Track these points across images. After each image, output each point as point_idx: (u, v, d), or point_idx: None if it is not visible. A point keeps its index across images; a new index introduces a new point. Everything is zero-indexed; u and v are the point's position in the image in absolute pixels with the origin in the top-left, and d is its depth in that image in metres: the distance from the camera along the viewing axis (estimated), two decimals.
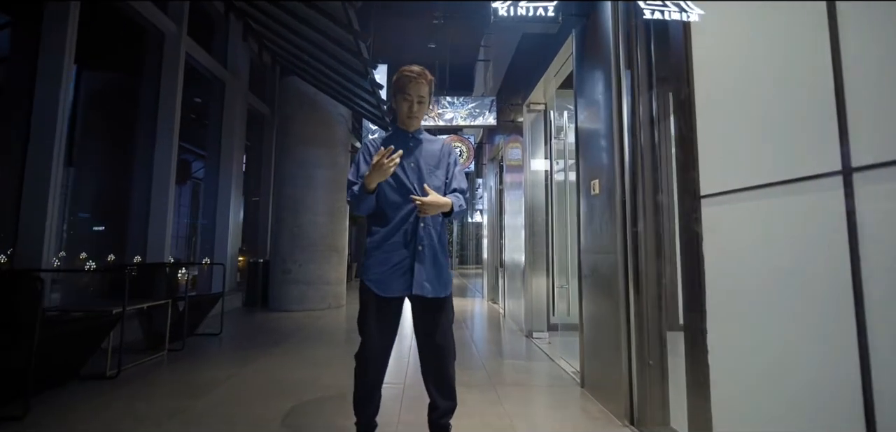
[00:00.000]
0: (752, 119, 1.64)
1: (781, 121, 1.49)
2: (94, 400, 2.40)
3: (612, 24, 2.45)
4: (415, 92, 1.77)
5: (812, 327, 1.33)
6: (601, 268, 2.52)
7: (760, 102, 1.61)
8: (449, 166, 1.85)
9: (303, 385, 2.74)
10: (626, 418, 2.20)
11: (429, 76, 1.83)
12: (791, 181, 1.42)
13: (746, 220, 1.64)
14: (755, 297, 1.57)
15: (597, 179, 2.61)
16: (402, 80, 1.79)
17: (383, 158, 1.54)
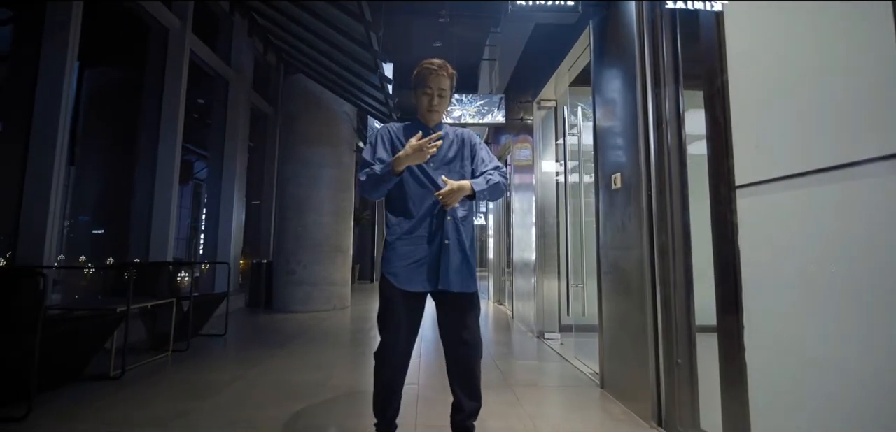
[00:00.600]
0: (790, 106, 1.56)
1: (823, 108, 1.41)
2: (98, 400, 2.31)
3: (636, 16, 2.37)
4: (435, 85, 1.71)
5: (857, 323, 1.25)
6: (623, 265, 2.44)
7: (799, 90, 1.53)
8: (475, 153, 1.76)
9: (311, 386, 2.65)
10: (653, 419, 2.11)
11: (450, 69, 1.77)
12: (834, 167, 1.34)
13: (785, 211, 1.56)
14: (794, 292, 1.49)
15: (618, 174, 2.53)
16: (423, 72, 1.72)
17: (423, 142, 1.48)
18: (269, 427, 2.03)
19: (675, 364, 2.08)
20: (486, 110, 5.40)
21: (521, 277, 5.27)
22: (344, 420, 2.15)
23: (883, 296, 1.15)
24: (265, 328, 4.64)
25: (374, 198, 1.68)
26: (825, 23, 1.48)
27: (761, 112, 1.72)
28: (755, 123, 1.74)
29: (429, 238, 1.63)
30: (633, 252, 2.31)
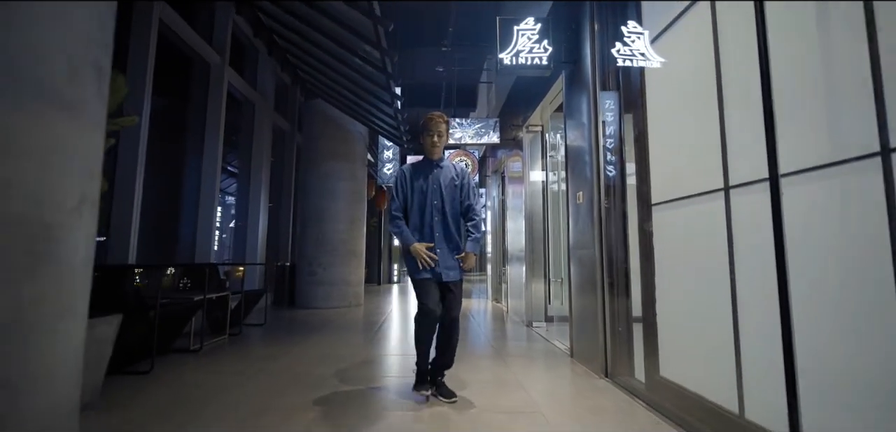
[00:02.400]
0: (685, 143, 2.34)
1: (707, 145, 2.20)
2: (192, 363, 3.10)
3: (590, 71, 3.18)
4: (434, 129, 2.53)
5: (742, 302, 2.03)
6: (584, 260, 3.23)
7: (696, 126, 2.32)
8: (464, 186, 2.56)
9: (344, 356, 3.43)
10: (602, 373, 2.89)
11: (445, 118, 2.61)
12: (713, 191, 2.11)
13: (683, 221, 2.34)
14: (689, 281, 2.26)
15: (581, 191, 3.32)
16: (426, 121, 2.55)
17: (423, 254, 2.34)
18: (324, 377, 2.80)
19: (617, 332, 2.86)
20: (483, 132, 6.21)
21: (513, 277, 6.05)
22: (374, 374, 2.93)
23: (750, 282, 1.93)
24: (295, 320, 5.43)
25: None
26: (703, 83, 2.27)
27: (666, 147, 2.51)
28: (663, 158, 2.53)
29: (430, 240, 2.43)
30: (589, 252, 3.10)
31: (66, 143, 1.13)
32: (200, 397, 2.40)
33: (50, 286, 1.10)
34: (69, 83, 1.13)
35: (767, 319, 1.66)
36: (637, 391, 2.54)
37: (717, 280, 1.99)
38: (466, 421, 2.14)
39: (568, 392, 2.66)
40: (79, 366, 1.26)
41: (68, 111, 1.12)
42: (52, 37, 1.10)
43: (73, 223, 1.17)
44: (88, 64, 1.21)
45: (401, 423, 2.10)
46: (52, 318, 1.12)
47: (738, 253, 1.89)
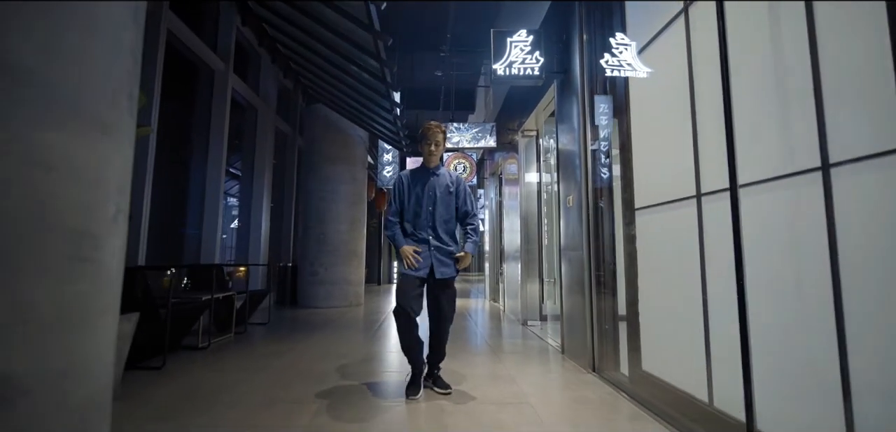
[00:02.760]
0: (670, 148, 2.50)
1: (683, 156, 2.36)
2: (201, 361, 3.26)
3: (580, 80, 3.34)
4: (432, 138, 2.67)
5: (714, 302, 2.19)
6: (573, 261, 3.39)
7: (676, 134, 2.48)
8: (459, 193, 2.72)
9: (347, 353, 3.59)
10: (590, 368, 3.05)
11: (442, 128, 2.74)
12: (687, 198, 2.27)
13: (664, 225, 2.50)
14: (668, 279, 2.43)
15: (571, 195, 3.48)
16: (424, 131, 2.70)
17: (409, 256, 2.51)
18: (326, 373, 2.97)
19: (603, 329, 3.03)
20: (480, 136, 6.37)
21: (510, 277, 6.22)
22: (374, 369, 3.10)
23: (719, 283, 2.09)
24: (297, 319, 5.59)
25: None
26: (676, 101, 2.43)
27: (649, 154, 2.67)
28: (646, 165, 2.70)
29: (424, 242, 2.59)
30: (578, 253, 3.26)
31: (105, 162, 1.31)
32: (211, 391, 2.56)
33: (92, 287, 1.27)
34: (110, 109, 1.31)
35: (733, 317, 1.82)
36: (621, 384, 2.70)
37: (692, 281, 2.15)
38: (459, 410, 2.30)
39: (556, 385, 2.82)
40: (112, 358, 1.44)
41: (108, 133, 1.30)
42: (101, 71, 1.29)
43: (111, 231, 1.35)
44: (125, 91, 1.39)
45: (399, 413, 2.26)
46: (95, 315, 1.30)
47: (708, 256, 2.05)
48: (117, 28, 1.42)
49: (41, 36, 1.10)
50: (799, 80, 1.57)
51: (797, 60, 1.58)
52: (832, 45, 1.47)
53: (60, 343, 1.19)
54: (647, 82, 2.76)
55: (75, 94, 1.20)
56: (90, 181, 1.24)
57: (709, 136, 2.08)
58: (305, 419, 2.16)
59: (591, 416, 2.26)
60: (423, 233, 2.61)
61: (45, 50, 1.11)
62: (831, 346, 1.41)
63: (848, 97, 1.40)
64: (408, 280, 2.53)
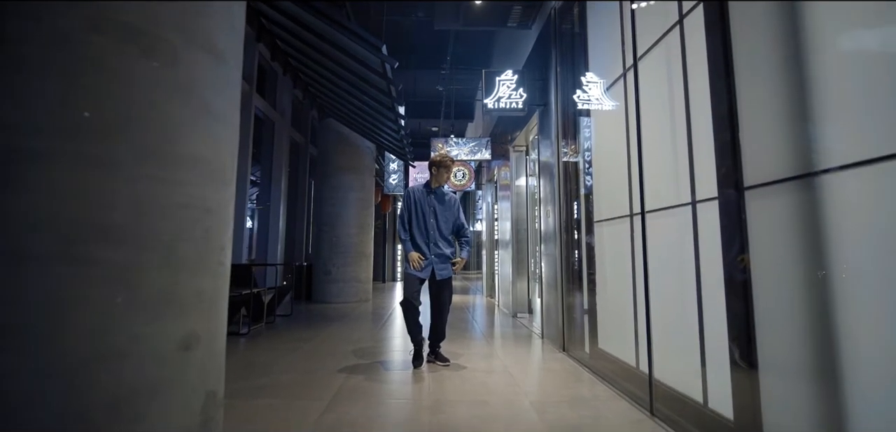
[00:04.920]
0: (617, 174, 3.23)
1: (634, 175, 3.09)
2: (245, 344, 4.01)
3: (554, 111, 4.07)
4: (444, 170, 3.40)
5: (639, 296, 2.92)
6: (550, 261, 4.13)
7: (621, 163, 3.21)
8: (456, 211, 3.45)
9: (362, 339, 4.34)
10: (561, 348, 3.80)
11: (449, 159, 3.46)
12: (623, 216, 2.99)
13: (615, 237, 3.22)
14: (618, 282, 3.15)
15: (549, 207, 4.22)
16: (435, 161, 3.42)
17: (416, 263, 3.21)
18: (348, 352, 3.71)
19: (572, 318, 3.77)
20: (476, 149, 7.11)
21: (503, 275, 6.96)
22: (386, 349, 3.84)
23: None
24: (315, 313, 6.35)
25: None
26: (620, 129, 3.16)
27: (605, 177, 3.40)
28: (604, 183, 3.43)
29: (426, 254, 3.32)
30: (553, 258, 4.00)
31: (227, 202, 2.09)
32: (262, 364, 3.31)
33: (222, 280, 2.06)
34: (230, 169, 2.09)
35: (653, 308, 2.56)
36: (583, 359, 3.44)
37: (628, 280, 2.89)
38: (455, 375, 3.04)
39: (532, 360, 3.57)
40: (226, 327, 2.24)
41: (228, 184, 2.06)
42: (227, 146, 2.06)
43: (229, 246, 2.14)
44: (233, 155, 2.17)
45: (409, 377, 3.01)
46: (222, 298, 2.09)
47: (636, 262, 2.79)
48: (232, 115, 2.19)
49: (200, 129, 1.85)
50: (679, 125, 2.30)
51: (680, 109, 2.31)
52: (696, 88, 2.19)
53: (212, 314, 1.94)
54: (605, 117, 3.48)
55: (216, 163, 1.96)
56: (223, 216, 2.00)
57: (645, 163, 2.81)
58: (340, 380, 2.91)
59: (555, 380, 3.00)
60: (425, 246, 3.32)
61: (201, 137, 1.86)
62: (695, 321, 2.14)
63: (704, 143, 2.13)
64: (412, 279, 3.27)
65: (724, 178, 1.89)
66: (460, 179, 9.02)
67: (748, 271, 1.75)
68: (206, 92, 1.97)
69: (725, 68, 1.89)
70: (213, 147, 2.06)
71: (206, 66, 1.93)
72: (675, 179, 2.43)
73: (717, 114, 1.95)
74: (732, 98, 1.85)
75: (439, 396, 2.61)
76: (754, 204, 1.76)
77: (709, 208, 2.07)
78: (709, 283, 2.07)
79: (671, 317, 2.41)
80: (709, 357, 2.05)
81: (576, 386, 2.88)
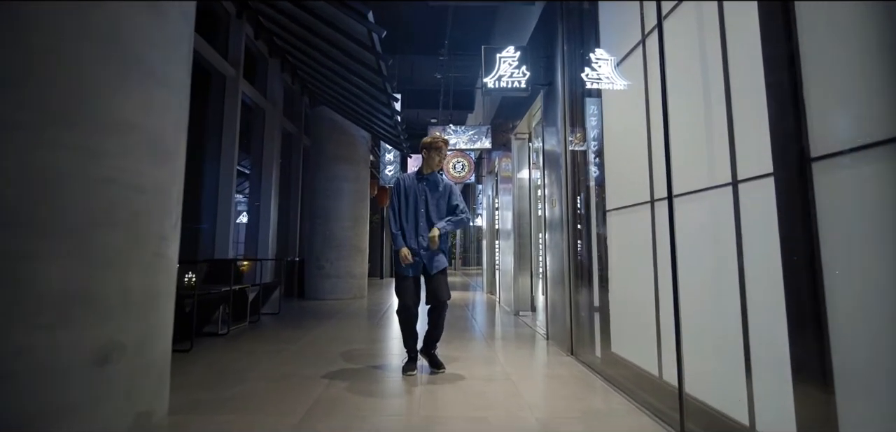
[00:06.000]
0: (630, 161, 2.86)
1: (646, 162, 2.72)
2: (223, 346, 3.66)
3: (561, 92, 3.69)
4: (435, 152, 3.03)
5: (661, 293, 2.56)
6: (556, 256, 3.76)
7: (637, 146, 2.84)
8: (450, 195, 3.06)
9: (354, 340, 3.99)
10: (568, 351, 3.44)
11: (441, 140, 3.08)
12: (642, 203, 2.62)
13: (629, 227, 2.86)
14: (634, 274, 2.79)
15: (555, 196, 3.85)
16: (427, 144, 3.04)
17: (407, 257, 2.85)
18: (335, 356, 3.36)
19: (581, 317, 3.41)
20: (476, 138, 6.73)
21: (504, 271, 6.60)
22: (379, 352, 3.49)
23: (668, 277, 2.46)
24: (306, 310, 6.00)
25: None
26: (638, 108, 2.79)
27: (618, 161, 3.03)
28: (616, 171, 3.06)
29: (416, 245, 2.95)
30: (559, 251, 3.63)
31: (169, 181, 1.73)
32: (237, 369, 2.96)
33: (163, 276, 1.69)
34: (173, 141, 1.74)
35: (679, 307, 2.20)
36: (594, 365, 3.09)
37: (648, 276, 2.53)
38: (451, 384, 2.69)
39: (536, 365, 3.21)
40: (171, 331, 1.87)
41: (172, 160, 1.72)
42: (169, 113, 1.71)
43: (173, 233, 1.77)
44: (181, 125, 1.82)
45: (399, 386, 2.65)
46: (164, 297, 1.73)
47: (658, 254, 2.42)
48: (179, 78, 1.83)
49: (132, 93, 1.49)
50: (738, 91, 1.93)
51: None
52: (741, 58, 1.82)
53: (144, 317, 1.59)
54: (618, 96, 3.11)
55: (152, 133, 1.59)
56: (162, 197, 1.64)
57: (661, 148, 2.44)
58: (320, 389, 2.55)
59: (563, 390, 2.64)
60: (414, 239, 2.94)
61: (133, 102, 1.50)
62: (738, 326, 1.78)
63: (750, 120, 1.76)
64: (406, 282, 2.91)
65: (782, 149, 1.52)
66: (459, 171, 8.64)
67: (817, 259, 1.38)
68: (140, 45, 1.60)
69: (783, 6, 1.51)
70: (149, 113, 1.68)
71: (139, 14, 1.57)
72: (706, 158, 2.06)
73: (771, 67, 1.57)
74: (793, 41, 1.47)
75: (431, 411, 2.25)
76: (823, 178, 1.39)
77: (755, 188, 1.70)
78: (755, 276, 1.71)
79: (703, 317, 2.04)
80: (757, 366, 1.69)
81: (588, 397, 2.52)
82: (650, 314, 2.47)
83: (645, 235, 2.54)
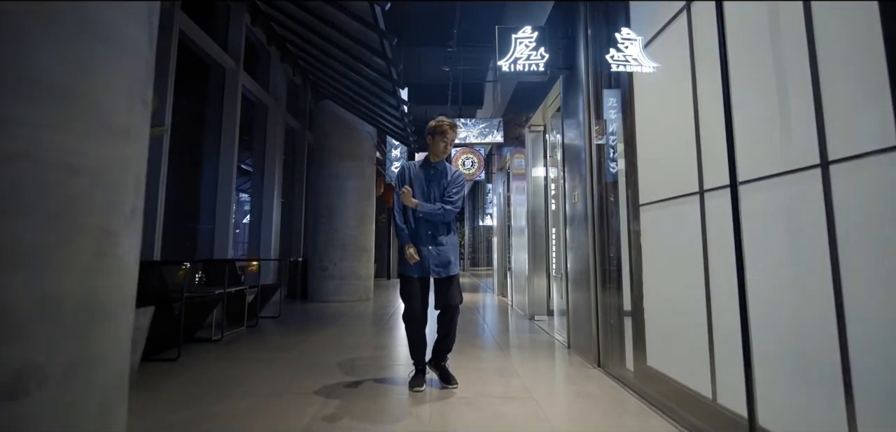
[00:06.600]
0: (674, 142, 2.50)
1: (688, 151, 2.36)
2: (215, 353, 3.36)
3: (584, 76, 3.33)
4: (451, 138, 2.67)
5: (715, 298, 2.20)
6: (579, 256, 3.40)
7: (680, 128, 2.48)
8: (451, 183, 2.69)
9: (356, 347, 3.66)
10: (595, 363, 3.07)
11: (447, 124, 2.71)
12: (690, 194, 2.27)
13: (671, 222, 2.50)
14: (673, 275, 2.43)
15: (577, 190, 3.49)
16: (433, 128, 2.69)
17: (411, 256, 2.53)
18: (335, 366, 3.03)
19: (609, 324, 3.04)
20: (487, 131, 6.38)
21: (517, 272, 6.23)
22: (379, 363, 3.15)
23: (722, 279, 2.10)
24: (308, 313, 5.69)
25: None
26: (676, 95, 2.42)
27: (653, 149, 2.66)
28: (650, 160, 2.69)
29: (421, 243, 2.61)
30: (584, 249, 3.27)
31: (123, 163, 1.37)
32: (224, 382, 2.65)
33: (112, 281, 1.33)
34: (127, 114, 1.38)
35: (736, 312, 1.83)
36: (626, 379, 2.72)
37: (695, 277, 2.16)
38: (464, 403, 2.34)
39: (560, 380, 2.85)
40: (129, 348, 1.51)
41: (125, 137, 1.36)
42: (119, 79, 1.35)
43: (128, 228, 1.41)
44: (139, 96, 1.46)
45: (405, 405, 2.31)
46: (113, 307, 1.37)
47: (711, 252, 2.06)
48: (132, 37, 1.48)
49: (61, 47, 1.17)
50: (800, 75, 1.56)
51: (798, 55, 1.57)
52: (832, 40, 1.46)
53: (81, 334, 1.25)
54: (651, 77, 2.75)
55: (94, 100, 1.27)
56: (110, 182, 1.31)
57: (713, 132, 2.08)
58: (314, 409, 2.23)
59: (594, 411, 2.28)
60: (420, 229, 2.61)
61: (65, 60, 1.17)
62: (833, 343, 1.42)
63: (846, 95, 1.40)
64: (411, 284, 2.57)
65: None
66: (469, 168, 8.29)
67: None
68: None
69: None
70: (90, 76, 1.37)
71: None
72: (771, 141, 1.70)
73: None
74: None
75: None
76: None
77: (855, 170, 1.33)
78: (856, 278, 1.34)
79: (773, 327, 1.67)
80: (862, 394, 1.32)
81: (625, 422, 2.16)
82: (699, 322, 2.10)
83: (692, 231, 2.18)
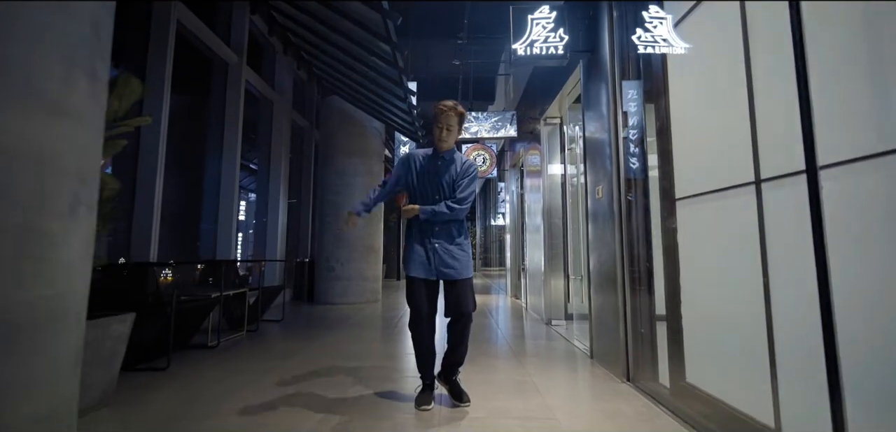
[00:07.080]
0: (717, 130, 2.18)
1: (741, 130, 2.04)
2: (209, 361, 3.13)
3: (609, 59, 3.02)
4: (444, 121, 2.33)
5: (776, 305, 1.88)
6: (603, 256, 3.09)
7: (724, 114, 2.16)
8: (460, 178, 2.36)
9: (361, 355, 3.40)
10: (624, 377, 2.76)
11: (459, 110, 2.38)
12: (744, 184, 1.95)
13: (707, 217, 2.18)
14: (723, 280, 2.11)
15: (600, 185, 3.17)
16: (437, 112, 2.37)
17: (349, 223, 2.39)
18: (338, 376, 2.78)
19: (639, 332, 2.72)
20: (500, 125, 6.08)
21: (532, 273, 5.92)
22: (385, 374, 2.89)
23: (786, 283, 1.78)
24: (313, 316, 5.46)
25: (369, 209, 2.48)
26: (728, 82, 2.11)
27: (691, 139, 2.35)
28: (688, 147, 2.38)
29: (422, 241, 2.34)
30: (609, 248, 2.96)
31: (58, 148, 1.09)
32: (215, 394, 2.41)
33: (46, 289, 1.06)
34: (63, 87, 1.09)
35: (805, 323, 1.52)
36: (660, 397, 2.40)
37: (748, 280, 1.84)
38: (478, 424, 2.06)
39: (586, 396, 2.54)
40: (77, 367, 1.23)
41: (62, 116, 1.09)
42: (47, 41, 1.07)
43: (69, 226, 1.13)
44: (84, 69, 1.18)
45: (410, 427, 2.04)
46: (48, 321, 1.09)
47: (771, 251, 1.74)
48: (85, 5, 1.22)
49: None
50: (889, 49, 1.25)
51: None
52: None
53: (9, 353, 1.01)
54: (688, 58, 2.43)
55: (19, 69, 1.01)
56: (39, 170, 1.06)
57: (769, 115, 1.76)
58: (309, 425, 1.97)
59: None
60: (426, 237, 2.33)
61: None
62: None
63: None
64: (416, 286, 2.30)
65: None
66: (481, 165, 7.99)
67: None
68: None
69: None
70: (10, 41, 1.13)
71: None
72: (835, 126, 1.38)
73: None
74: None
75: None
76: None
77: None
78: None
79: (859, 342, 1.36)
80: None
81: None
82: (756, 333, 1.79)
83: (745, 228, 1.86)
